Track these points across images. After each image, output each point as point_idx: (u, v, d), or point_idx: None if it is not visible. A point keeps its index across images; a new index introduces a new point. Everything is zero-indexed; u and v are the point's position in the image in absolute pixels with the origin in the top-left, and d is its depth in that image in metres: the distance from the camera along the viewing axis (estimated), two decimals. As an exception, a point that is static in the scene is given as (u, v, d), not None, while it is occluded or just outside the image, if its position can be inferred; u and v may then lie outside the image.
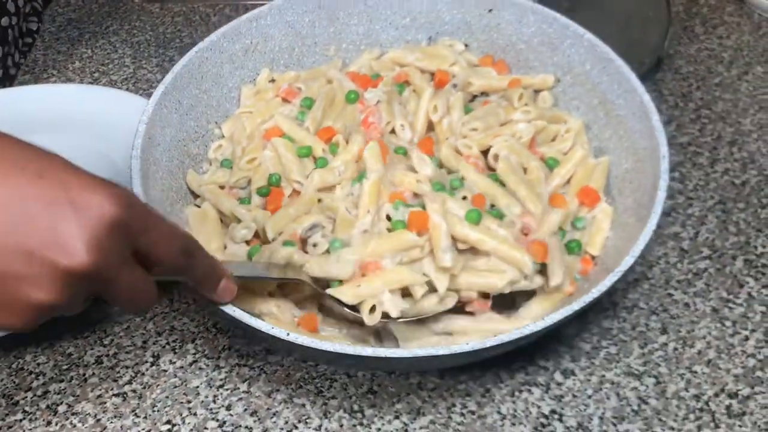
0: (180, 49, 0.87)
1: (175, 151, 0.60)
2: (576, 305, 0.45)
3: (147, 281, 0.39)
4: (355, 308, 0.50)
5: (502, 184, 0.56)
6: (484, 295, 0.52)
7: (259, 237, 0.56)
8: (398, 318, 0.50)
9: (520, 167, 0.57)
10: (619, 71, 0.58)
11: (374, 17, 0.68)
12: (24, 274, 0.35)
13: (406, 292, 0.50)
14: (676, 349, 0.57)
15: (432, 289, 0.50)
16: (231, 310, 0.46)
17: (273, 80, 0.66)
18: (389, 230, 0.51)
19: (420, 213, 0.51)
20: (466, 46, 0.67)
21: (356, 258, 0.50)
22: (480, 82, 0.63)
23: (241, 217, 0.56)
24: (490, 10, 0.65)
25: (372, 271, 0.50)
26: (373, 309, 0.49)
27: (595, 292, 0.45)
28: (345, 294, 0.49)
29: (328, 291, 0.49)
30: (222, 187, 0.59)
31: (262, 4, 0.65)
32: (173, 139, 0.59)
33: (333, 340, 0.48)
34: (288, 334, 0.44)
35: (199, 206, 0.59)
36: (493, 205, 0.55)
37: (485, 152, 0.59)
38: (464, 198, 0.54)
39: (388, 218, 0.52)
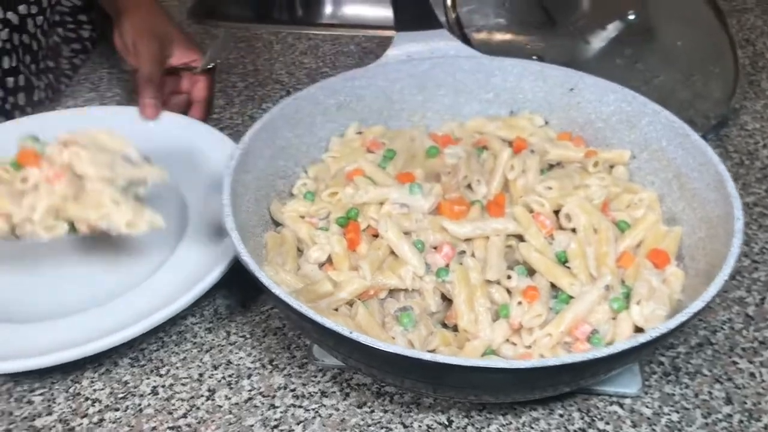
0: (242, 75, 0.92)
1: (263, 182, 0.62)
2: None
3: None
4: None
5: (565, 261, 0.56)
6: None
7: (332, 262, 0.57)
8: None
9: (591, 227, 0.57)
10: (695, 145, 0.58)
11: (460, 90, 0.71)
12: None
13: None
14: (741, 421, 0.53)
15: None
16: (298, 305, 0.46)
17: (360, 132, 0.69)
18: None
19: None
20: (546, 122, 0.70)
21: None
22: (556, 151, 0.65)
23: (318, 242, 0.57)
24: (572, 89, 0.68)
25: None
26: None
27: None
28: None
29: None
30: (302, 217, 0.61)
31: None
32: (263, 172, 0.62)
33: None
34: (351, 332, 0.44)
35: (278, 233, 0.61)
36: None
37: (556, 213, 0.60)
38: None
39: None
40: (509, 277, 0.55)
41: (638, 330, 0.52)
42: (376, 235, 0.58)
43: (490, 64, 0.70)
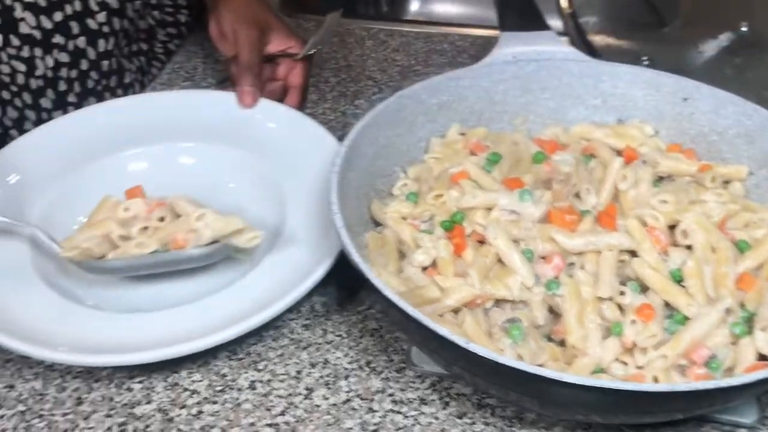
0: (335, 71, 0.91)
1: (364, 180, 0.61)
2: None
3: None
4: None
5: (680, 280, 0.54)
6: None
7: (435, 266, 0.56)
8: None
9: (709, 246, 0.55)
10: (825, 165, 0.55)
11: (566, 94, 0.69)
12: None
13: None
14: None
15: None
16: (412, 311, 0.45)
17: (463, 134, 0.67)
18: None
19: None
20: (656, 132, 0.67)
21: None
22: (668, 163, 0.62)
23: (422, 245, 0.56)
24: (686, 99, 0.65)
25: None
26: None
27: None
28: None
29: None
30: (404, 218, 0.60)
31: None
32: (365, 170, 0.61)
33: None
34: (467, 343, 0.43)
35: (379, 233, 0.60)
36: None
37: (670, 228, 0.57)
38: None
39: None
40: (622, 294, 0.53)
41: (762, 357, 0.49)
42: (480, 241, 0.57)
43: (600, 69, 0.68)
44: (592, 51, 0.75)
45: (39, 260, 0.63)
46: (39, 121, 0.81)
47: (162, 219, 0.63)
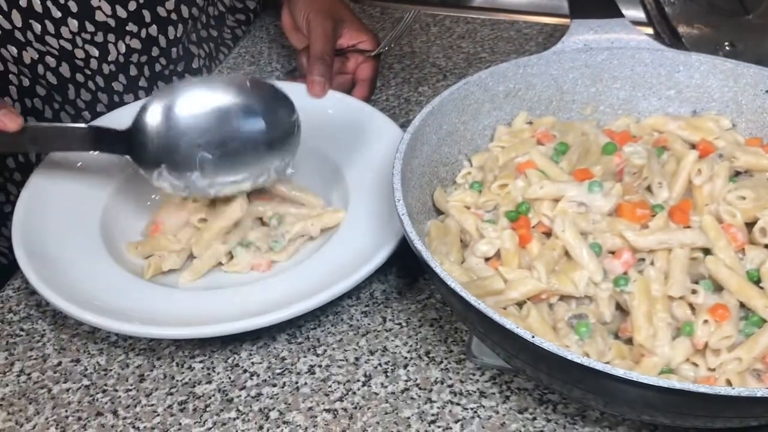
0: (399, 57, 0.89)
1: (428, 168, 0.60)
2: None
3: None
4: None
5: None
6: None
7: (499, 257, 0.54)
8: None
9: (789, 245, 0.51)
10: None
11: (638, 84, 0.66)
12: None
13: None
14: None
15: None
16: (477, 303, 0.43)
17: (530, 123, 0.65)
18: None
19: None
20: (733, 125, 0.63)
21: None
22: (747, 158, 0.58)
23: (486, 235, 0.54)
24: (767, 91, 0.61)
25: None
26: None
27: None
28: None
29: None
30: (468, 208, 0.58)
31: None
32: (428, 158, 0.60)
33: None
34: (533, 337, 0.41)
35: (441, 222, 0.58)
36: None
37: (747, 226, 0.54)
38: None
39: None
40: (694, 292, 0.50)
41: None
42: (546, 233, 0.55)
43: (675, 59, 0.64)
44: (677, 38, 0.71)
45: (107, 235, 0.64)
46: (110, 104, 0.82)
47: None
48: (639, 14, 0.77)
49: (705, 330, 0.48)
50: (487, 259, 0.54)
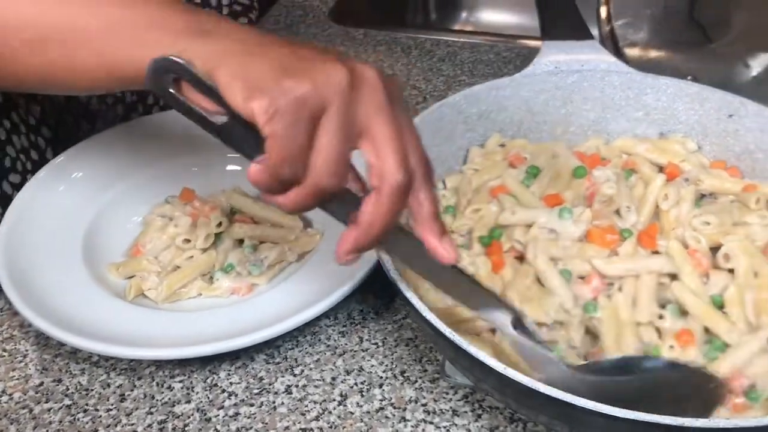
0: None
1: (404, 191, 0.59)
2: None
3: (346, 153, 0.40)
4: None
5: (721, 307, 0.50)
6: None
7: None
8: None
9: (752, 271, 0.51)
10: None
11: (607, 106, 0.65)
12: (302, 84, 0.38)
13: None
14: None
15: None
16: (450, 334, 0.43)
17: (503, 145, 0.64)
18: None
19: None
20: (699, 148, 0.63)
21: None
22: (712, 181, 0.58)
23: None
24: (731, 116, 0.61)
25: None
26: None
27: None
28: None
29: None
30: (443, 232, 0.57)
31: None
32: (403, 180, 0.59)
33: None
34: (505, 369, 0.40)
35: (416, 245, 0.57)
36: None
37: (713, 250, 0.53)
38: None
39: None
40: (661, 317, 0.49)
41: (805, 392, 0.46)
42: (519, 258, 0.54)
43: (643, 82, 0.64)
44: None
45: (89, 257, 0.63)
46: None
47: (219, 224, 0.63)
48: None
49: (671, 355, 0.48)
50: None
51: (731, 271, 0.52)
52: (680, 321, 0.49)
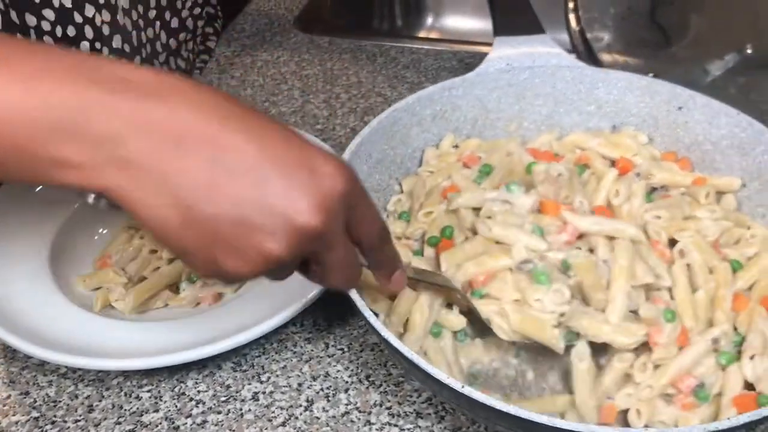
0: (346, 87, 0.86)
1: (360, 196, 0.58)
2: None
3: (355, 254, 0.41)
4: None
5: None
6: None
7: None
8: None
9: (706, 267, 0.51)
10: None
11: (560, 100, 0.65)
12: (262, 224, 0.35)
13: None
14: None
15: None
16: (408, 353, 0.42)
17: (456, 146, 0.64)
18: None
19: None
20: (650, 140, 0.63)
21: None
22: (663, 175, 0.58)
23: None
24: (680, 108, 0.60)
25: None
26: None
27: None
28: None
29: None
30: (399, 239, 0.56)
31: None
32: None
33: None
34: (463, 387, 0.40)
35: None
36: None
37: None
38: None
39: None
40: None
41: (749, 386, 0.46)
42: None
43: (594, 76, 0.63)
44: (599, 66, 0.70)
45: (56, 269, 0.62)
46: None
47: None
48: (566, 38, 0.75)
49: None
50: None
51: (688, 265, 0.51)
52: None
